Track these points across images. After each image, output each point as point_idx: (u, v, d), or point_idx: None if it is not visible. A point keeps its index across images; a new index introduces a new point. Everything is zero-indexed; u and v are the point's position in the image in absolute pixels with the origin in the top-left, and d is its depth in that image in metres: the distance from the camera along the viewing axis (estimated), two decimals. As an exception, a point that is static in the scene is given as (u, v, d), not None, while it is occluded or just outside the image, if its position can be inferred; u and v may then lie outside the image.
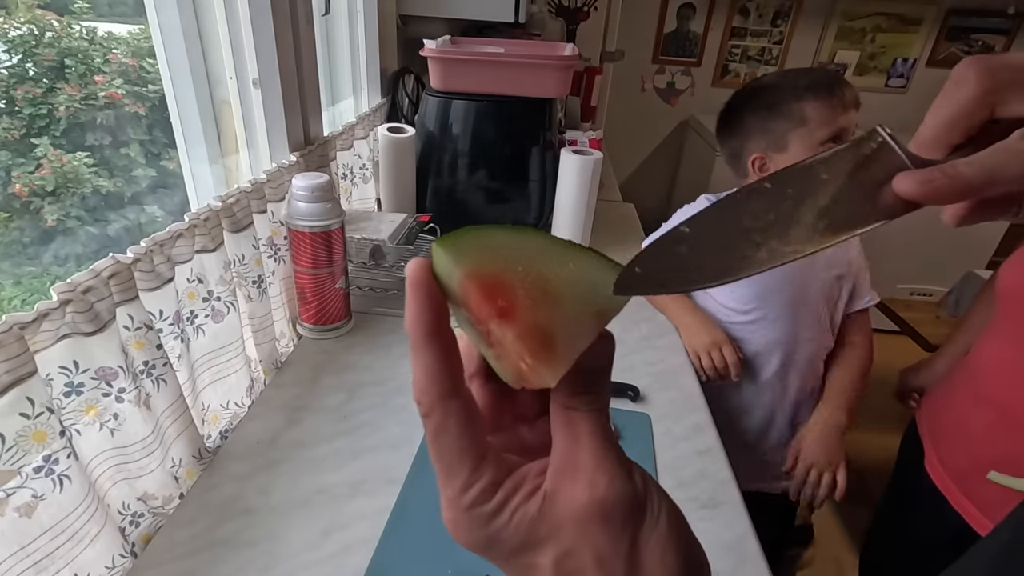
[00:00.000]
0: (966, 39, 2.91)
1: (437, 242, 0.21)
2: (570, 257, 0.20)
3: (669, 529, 0.21)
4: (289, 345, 0.86)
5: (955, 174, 0.20)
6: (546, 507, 0.21)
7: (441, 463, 0.22)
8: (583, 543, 0.20)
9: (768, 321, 0.99)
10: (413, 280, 0.21)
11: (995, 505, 0.77)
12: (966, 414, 0.83)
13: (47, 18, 0.69)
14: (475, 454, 0.21)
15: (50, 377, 0.46)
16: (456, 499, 0.21)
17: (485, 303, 0.20)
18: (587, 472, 0.21)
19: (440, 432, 0.22)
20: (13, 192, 0.69)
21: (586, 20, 2.25)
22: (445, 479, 0.22)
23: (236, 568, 0.54)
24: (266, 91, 0.83)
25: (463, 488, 0.21)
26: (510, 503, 0.21)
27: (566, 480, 0.21)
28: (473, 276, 0.20)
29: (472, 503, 0.21)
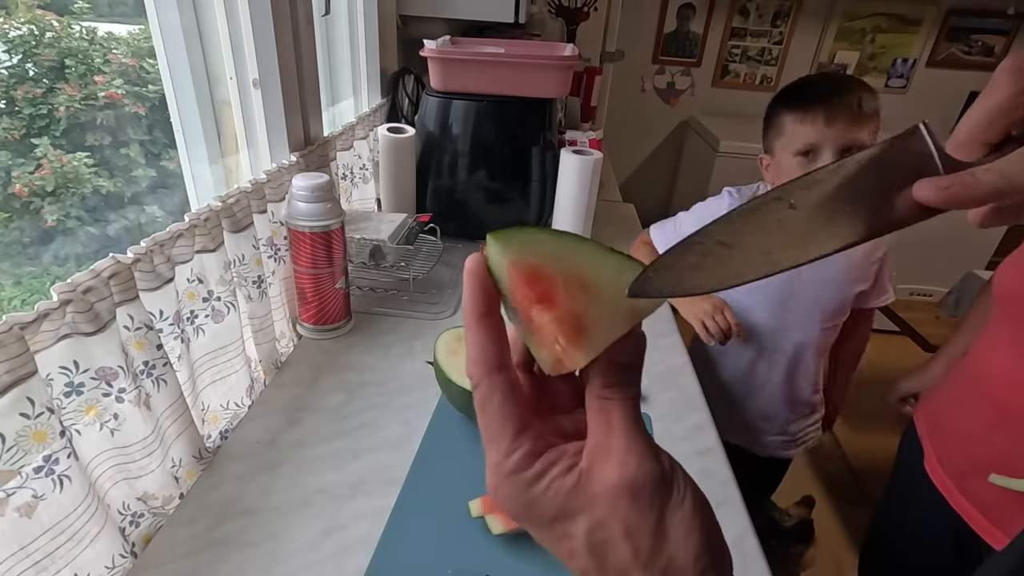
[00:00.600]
0: (966, 39, 2.91)
1: (490, 235, 0.23)
2: (607, 259, 0.23)
3: (694, 510, 0.23)
4: (289, 345, 0.86)
5: (972, 181, 0.20)
6: (581, 483, 0.23)
7: (487, 431, 0.24)
8: (613, 516, 0.22)
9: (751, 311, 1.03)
10: (469, 270, 0.24)
11: (994, 506, 0.77)
12: (965, 414, 0.83)
13: (47, 18, 0.69)
14: (517, 424, 0.23)
15: (50, 377, 0.46)
16: (499, 465, 0.23)
17: (527, 289, 0.23)
18: (619, 454, 0.23)
19: (486, 402, 0.24)
20: (13, 192, 0.69)
21: (586, 20, 2.26)
22: (489, 445, 0.24)
23: (236, 568, 0.54)
24: (266, 91, 0.83)
25: (505, 454, 0.23)
26: (548, 474, 0.23)
27: (599, 460, 0.23)
28: (518, 265, 0.23)
29: (513, 469, 0.23)
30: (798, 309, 1.01)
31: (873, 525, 1.05)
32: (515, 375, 0.24)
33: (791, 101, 0.91)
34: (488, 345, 0.24)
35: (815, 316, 1.02)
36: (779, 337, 1.04)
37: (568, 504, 0.23)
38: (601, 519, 0.22)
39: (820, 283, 1.00)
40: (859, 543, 1.48)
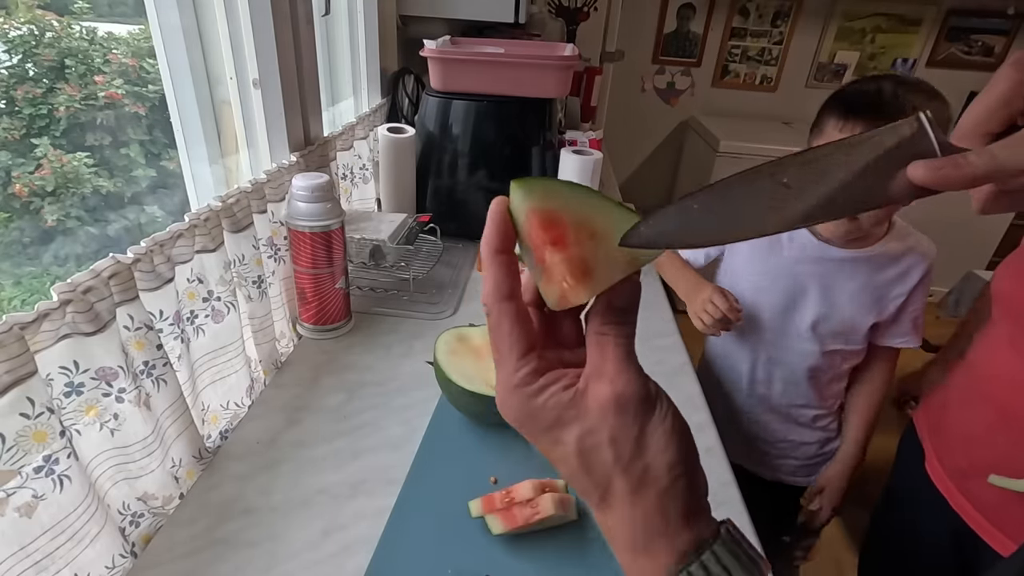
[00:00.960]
0: (966, 39, 2.91)
1: (514, 182, 0.27)
2: (614, 212, 0.26)
3: (672, 429, 0.26)
4: (289, 345, 0.86)
5: (964, 162, 0.22)
6: (576, 398, 0.26)
7: (497, 352, 0.28)
8: (602, 426, 0.26)
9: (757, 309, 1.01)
10: (492, 211, 0.27)
11: (995, 506, 0.77)
12: (966, 415, 0.83)
13: (47, 18, 0.69)
14: (523, 346, 0.27)
15: (50, 377, 0.46)
16: (507, 379, 0.27)
17: (543, 232, 0.26)
18: (610, 375, 0.26)
19: (497, 326, 0.27)
20: (13, 192, 0.69)
21: (586, 20, 2.26)
22: (499, 364, 0.28)
23: (236, 568, 0.54)
24: (266, 91, 0.83)
25: (513, 370, 0.27)
26: (548, 389, 0.27)
27: (594, 381, 0.27)
28: (536, 210, 0.26)
29: (519, 383, 0.27)
30: (799, 319, 0.97)
31: (873, 525, 1.05)
32: (523, 305, 0.28)
33: (839, 101, 0.84)
34: (501, 277, 0.27)
35: (814, 331, 0.96)
36: (780, 345, 1.00)
37: (564, 415, 0.26)
38: (590, 428, 0.26)
39: (823, 294, 0.95)
40: (859, 543, 1.48)
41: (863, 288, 0.93)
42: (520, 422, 0.28)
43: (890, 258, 0.92)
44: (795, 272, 0.95)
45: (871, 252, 0.92)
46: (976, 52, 2.93)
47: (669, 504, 0.26)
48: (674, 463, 0.26)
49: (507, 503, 0.58)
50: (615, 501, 0.26)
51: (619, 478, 0.26)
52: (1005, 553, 0.75)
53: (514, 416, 0.27)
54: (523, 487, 0.58)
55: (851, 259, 0.93)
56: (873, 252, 0.92)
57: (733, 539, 0.26)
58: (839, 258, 0.93)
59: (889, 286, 0.93)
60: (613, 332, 0.27)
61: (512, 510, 0.57)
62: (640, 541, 0.26)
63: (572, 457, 0.26)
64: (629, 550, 0.26)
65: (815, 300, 0.95)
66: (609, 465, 0.26)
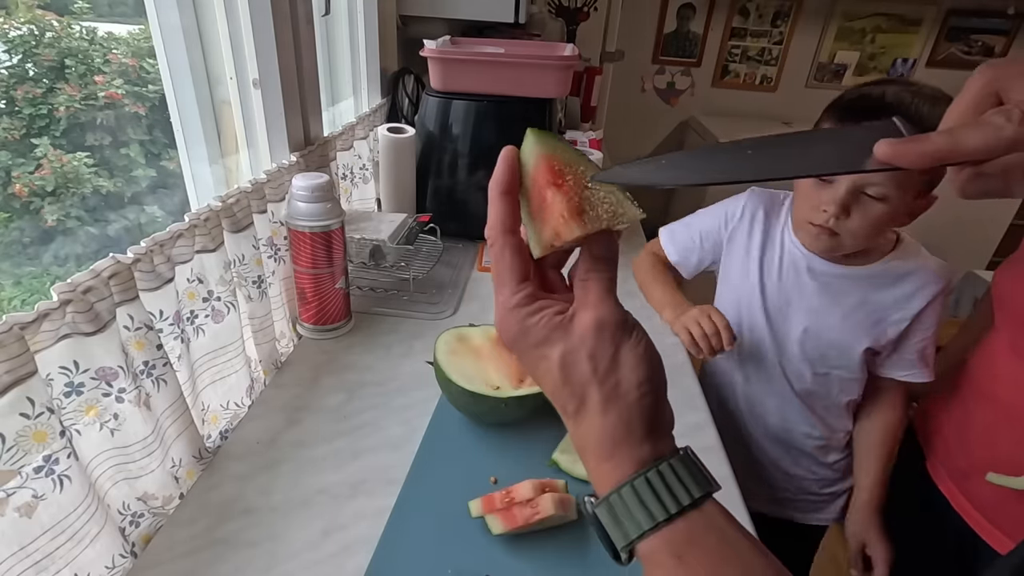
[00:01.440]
0: (966, 39, 2.91)
1: (531, 129, 0.32)
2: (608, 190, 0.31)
3: (644, 353, 0.30)
4: (289, 345, 0.86)
5: (925, 140, 0.24)
6: (564, 323, 0.30)
7: (498, 278, 0.32)
8: (582, 344, 0.30)
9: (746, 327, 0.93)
10: (503, 156, 0.32)
11: (996, 506, 0.77)
12: (967, 416, 0.83)
13: (47, 18, 0.69)
14: (521, 273, 0.31)
15: (50, 377, 0.46)
16: (507, 300, 0.31)
17: (548, 174, 0.31)
18: (593, 304, 0.30)
19: (499, 255, 0.31)
20: (13, 192, 0.69)
21: (586, 20, 2.26)
22: (499, 289, 0.31)
23: (236, 568, 0.54)
24: (266, 91, 0.83)
25: (512, 292, 0.31)
26: (540, 312, 0.31)
27: (579, 311, 0.31)
28: (546, 156, 0.31)
29: (517, 303, 0.31)
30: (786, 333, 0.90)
31: (873, 525, 1.05)
32: (522, 241, 0.32)
33: (834, 106, 0.79)
34: (506, 213, 0.31)
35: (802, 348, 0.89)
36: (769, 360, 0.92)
37: (551, 335, 0.30)
38: (573, 346, 0.30)
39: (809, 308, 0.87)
40: (859, 543, 1.47)
41: (857, 308, 0.84)
42: (514, 339, 0.31)
43: (892, 278, 0.83)
44: (784, 284, 0.89)
45: (870, 271, 0.84)
46: (976, 52, 2.93)
47: (635, 417, 0.29)
48: (642, 381, 0.29)
49: (507, 503, 0.58)
50: (588, 411, 0.30)
51: (594, 389, 0.29)
52: (1005, 552, 0.75)
53: (510, 333, 0.31)
54: (523, 487, 0.59)
55: (845, 275, 0.84)
56: (872, 271, 0.84)
57: (691, 459, 0.30)
58: (832, 273, 0.85)
59: (889, 309, 0.84)
60: (595, 276, 0.31)
61: (512, 510, 0.57)
62: (607, 447, 0.29)
63: (555, 369, 0.30)
64: (596, 456, 0.30)
65: (801, 314, 0.88)
66: (586, 377, 0.30)
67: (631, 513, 0.28)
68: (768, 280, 0.91)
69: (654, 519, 0.27)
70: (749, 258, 0.92)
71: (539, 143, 0.31)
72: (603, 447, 0.29)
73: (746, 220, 0.93)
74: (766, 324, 0.91)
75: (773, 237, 0.91)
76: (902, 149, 0.24)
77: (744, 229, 0.93)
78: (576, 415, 0.30)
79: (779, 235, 0.91)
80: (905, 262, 0.84)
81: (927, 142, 0.24)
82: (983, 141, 0.23)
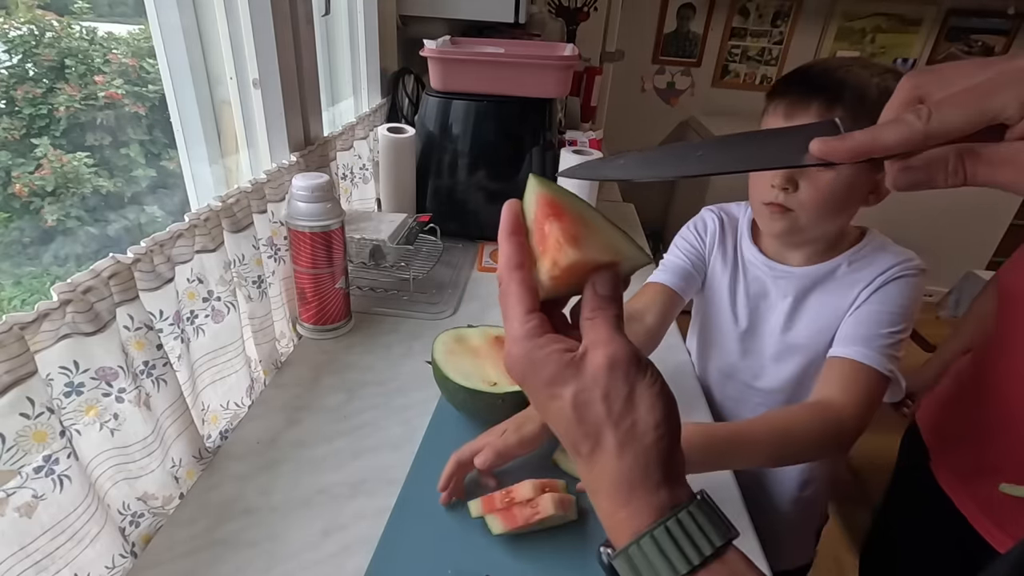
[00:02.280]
0: (966, 39, 2.92)
1: (532, 175, 0.33)
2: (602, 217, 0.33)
3: (660, 393, 0.29)
4: (289, 345, 0.86)
5: (849, 137, 0.27)
6: (575, 361, 0.29)
7: (507, 311, 0.31)
8: (595, 383, 0.29)
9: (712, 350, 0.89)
10: (507, 204, 0.33)
11: (1000, 507, 0.77)
12: (971, 415, 0.83)
13: (47, 18, 0.69)
14: (527, 305, 0.31)
15: (50, 377, 0.46)
16: (515, 331, 0.30)
17: (547, 208, 0.32)
18: (604, 342, 0.29)
19: (506, 290, 0.31)
20: (13, 192, 0.69)
21: (586, 20, 2.26)
22: (508, 322, 0.31)
23: (236, 568, 0.54)
24: (266, 91, 0.83)
25: (521, 322, 0.30)
26: (550, 346, 0.30)
27: (591, 349, 0.30)
28: (545, 196, 0.32)
29: (525, 334, 0.30)
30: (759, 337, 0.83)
31: (875, 526, 1.05)
32: (530, 277, 0.31)
33: (772, 87, 0.75)
34: (512, 252, 0.32)
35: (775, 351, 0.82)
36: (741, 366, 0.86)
37: (563, 372, 0.29)
38: (586, 385, 0.29)
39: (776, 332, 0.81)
40: (859, 543, 1.48)
41: (824, 308, 0.77)
42: (523, 374, 0.30)
43: (855, 270, 0.76)
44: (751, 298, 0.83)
45: (830, 265, 0.77)
46: (976, 52, 2.93)
47: (652, 460, 0.28)
48: (659, 422, 0.29)
49: (507, 503, 0.58)
50: (603, 453, 0.29)
51: (609, 431, 0.28)
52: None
53: (519, 366, 0.30)
54: (523, 487, 0.58)
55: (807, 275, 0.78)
56: (833, 264, 0.77)
57: (708, 504, 0.28)
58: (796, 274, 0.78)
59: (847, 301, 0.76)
60: (601, 313, 0.30)
61: (512, 510, 0.57)
62: (623, 492, 0.28)
63: (568, 409, 0.29)
64: (611, 501, 0.29)
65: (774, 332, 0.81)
66: (601, 418, 0.29)
67: (652, 565, 0.27)
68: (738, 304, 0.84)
69: (676, 572, 0.26)
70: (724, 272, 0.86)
71: (539, 184, 0.32)
72: (619, 492, 0.28)
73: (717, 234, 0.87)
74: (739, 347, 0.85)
75: (737, 248, 0.85)
76: (832, 145, 0.27)
77: (716, 244, 0.87)
78: (590, 457, 0.29)
79: (739, 246, 0.85)
80: (872, 253, 0.76)
81: (851, 139, 0.27)
82: (898, 136, 0.26)
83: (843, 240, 0.78)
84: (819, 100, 0.67)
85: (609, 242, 0.31)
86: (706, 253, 0.87)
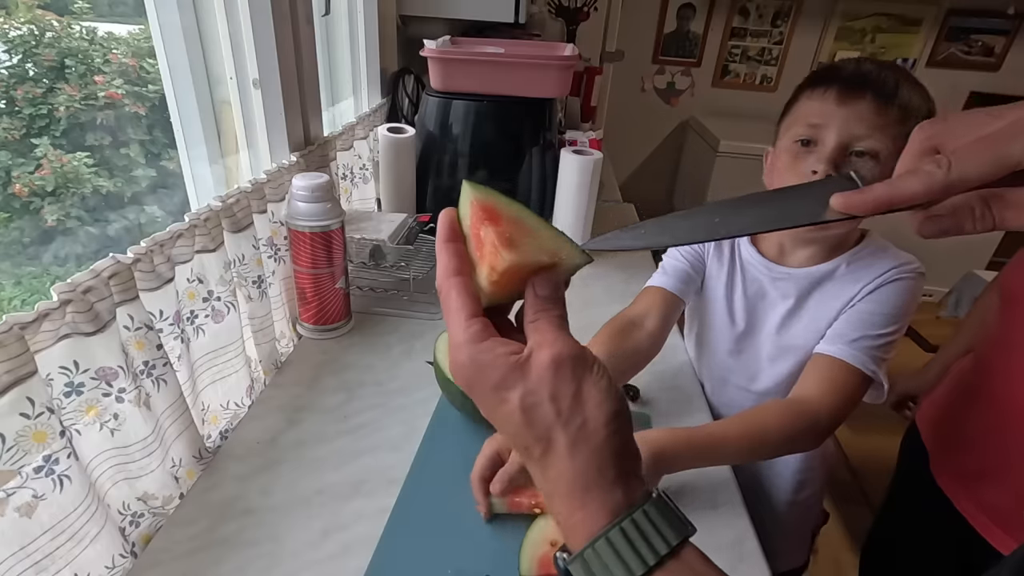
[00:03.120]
0: (966, 39, 2.92)
1: (465, 182, 0.33)
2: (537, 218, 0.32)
3: (607, 389, 0.29)
4: (289, 345, 0.86)
5: (869, 191, 0.28)
6: (520, 363, 0.29)
7: (449, 318, 0.30)
8: (542, 385, 0.28)
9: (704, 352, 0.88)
10: (442, 213, 0.32)
11: (1001, 509, 0.77)
12: (972, 416, 0.83)
13: (47, 18, 0.69)
14: (471, 310, 0.30)
15: (50, 377, 0.46)
16: (458, 335, 0.30)
17: (482, 213, 0.31)
18: (548, 342, 0.29)
19: (447, 297, 0.31)
20: (13, 192, 0.69)
21: (586, 20, 2.26)
22: (451, 328, 0.30)
23: (236, 568, 0.54)
24: (266, 91, 0.83)
25: (464, 328, 0.29)
26: (495, 350, 0.29)
27: (536, 349, 0.29)
28: (479, 201, 0.32)
29: (469, 338, 0.29)
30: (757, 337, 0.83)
31: (875, 526, 1.05)
32: (469, 283, 0.31)
33: (813, 76, 0.73)
34: (448, 259, 0.31)
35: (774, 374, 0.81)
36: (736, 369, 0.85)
37: (509, 376, 0.29)
38: (533, 387, 0.28)
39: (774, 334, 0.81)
40: (859, 543, 1.48)
41: (820, 311, 0.77)
42: (470, 379, 0.30)
43: (854, 271, 0.75)
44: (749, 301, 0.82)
45: (829, 266, 0.76)
46: (976, 52, 2.93)
47: (605, 458, 0.28)
48: (609, 419, 0.28)
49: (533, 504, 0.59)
50: (555, 455, 0.28)
51: (559, 432, 0.28)
52: (1008, 553, 0.75)
53: (465, 373, 0.30)
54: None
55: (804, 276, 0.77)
56: (832, 265, 0.76)
57: (664, 502, 0.28)
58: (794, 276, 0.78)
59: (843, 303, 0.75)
60: (544, 315, 0.30)
61: (520, 496, 0.58)
62: (578, 494, 0.28)
63: (516, 413, 0.29)
64: (566, 505, 0.28)
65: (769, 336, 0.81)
66: (550, 420, 0.28)
67: (608, 568, 0.27)
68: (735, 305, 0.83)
69: (632, 574, 0.26)
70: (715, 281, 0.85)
71: (472, 189, 0.32)
72: (573, 494, 0.28)
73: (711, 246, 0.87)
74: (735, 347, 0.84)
75: (735, 251, 0.85)
76: (854, 200, 0.28)
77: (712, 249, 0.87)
78: (542, 460, 0.29)
79: (736, 248, 0.84)
80: (870, 256, 0.75)
81: (871, 192, 0.28)
82: (919, 187, 0.26)
83: (845, 242, 0.77)
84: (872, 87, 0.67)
85: (546, 244, 0.31)
86: (705, 254, 0.87)
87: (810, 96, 0.72)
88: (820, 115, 0.69)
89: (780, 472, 0.87)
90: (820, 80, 0.71)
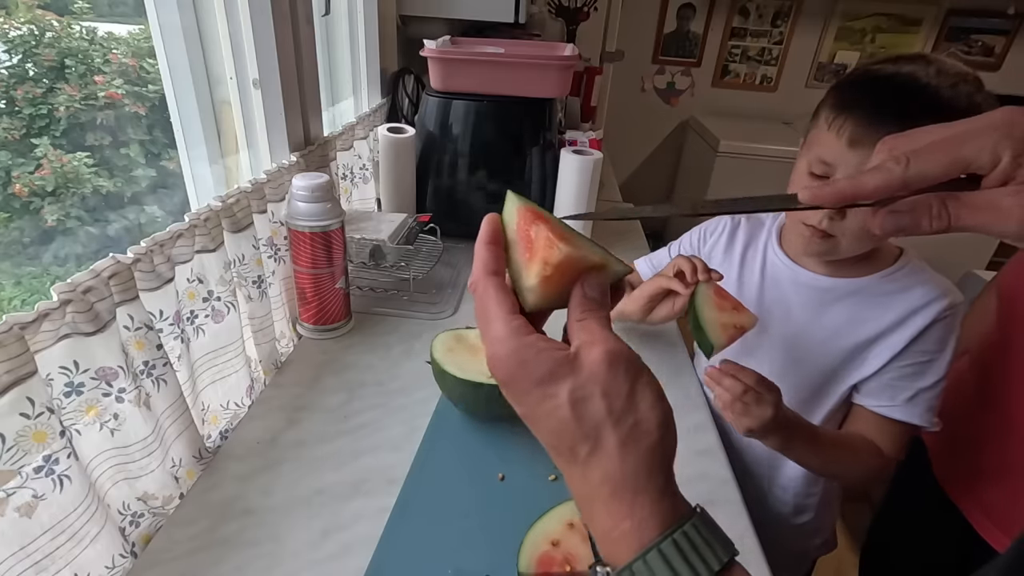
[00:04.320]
0: (966, 39, 2.92)
1: (510, 192, 0.33)
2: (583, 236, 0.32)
3: (660, 394, 0.28)
4: (289, 345, 0.86)
5: (832, 183, 0.29)
6: (569, 358, 0.28)
7: (485, 315, 0.29)
8: (594, 380, 0.27)
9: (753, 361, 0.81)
10: (486, 218, 0.32)
11: (1001, 509, 0.77)
12: (972, 417, 0.83)
13: (47, 18, 0.69)
14: (509, 306, 0.29)
15: (50, 377, 0.46)
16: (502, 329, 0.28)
17: (531, 216, 0.32)
18: (600, 339, 0.28)
19: (483, 294, 0.30)
20: (13, 192, 0.69)
21: (586, 20, 2.26)
22: (488, 324, 0.29)
23: (236, 568, 0.54)
24: (266, 91, 0.83)
25: (506, 321, 0.28)
26: (540, 344, 0.28)
27: (585, 347, 0.28)
28: (525, 208, 0.32)
29: (510, 332, 0.28)
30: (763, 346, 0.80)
31: (875, 526, 1.05)
32: (506, 283, 0.30)
33: (839, 89, 0.67)
34: (488, 259, 0.30)
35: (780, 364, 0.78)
36: None
37: (558, 369, 0.27)
38: (584, 382, 0.27)
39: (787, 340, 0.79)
40: (859, 543, 1.48)
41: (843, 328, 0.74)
42: (511, 374, 0.28)
43: (886, 294, 0.72)
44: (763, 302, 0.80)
45: (860, 283, 0.73)
46: (976, 52, 2.93)
47: (656, 463, 0.27)
48: (661, 423, 0.27)
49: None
50: (603, 455, 0.27)
51: (610, 430, 0.27)
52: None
53: (507, 366, 0.28)
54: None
55: (832, 288, 0.75)
56: (864, 283, 0.73)
57: (709, 517, 0.28)
58: (819, 286, 0.76)
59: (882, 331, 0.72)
60: (591, 315, 0.30)
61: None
62: (626, 499, 0.26)
63: (563, 408, 0.27)
64: (611, 512, 0.27)
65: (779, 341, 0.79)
66: (601, 416, 0.27)
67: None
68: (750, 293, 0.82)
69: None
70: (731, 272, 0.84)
71: (518, 200, 0.32)
72: (621, 499, 0.26)
73: (724, 236, 0.87)
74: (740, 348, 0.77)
75: (756, 249, 0.83)
76: (818, 191, 0.29)
77: (722, 246, 0.86)
78: (588, 460, 0.27)
79: (762, 247, 0.83)
80: (906, 278, 0.72)
81: (835, 185, 0.29)
82: (879, 182, 0.28)
83: (876, 256, 0.74)
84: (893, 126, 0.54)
85: (593, 247, 0.31)
86: (705, 255, 0.87)
87: (829, 123, 0.65)
88: (831, 154, 0.65)
89: (779, 496, 0.86)
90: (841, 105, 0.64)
